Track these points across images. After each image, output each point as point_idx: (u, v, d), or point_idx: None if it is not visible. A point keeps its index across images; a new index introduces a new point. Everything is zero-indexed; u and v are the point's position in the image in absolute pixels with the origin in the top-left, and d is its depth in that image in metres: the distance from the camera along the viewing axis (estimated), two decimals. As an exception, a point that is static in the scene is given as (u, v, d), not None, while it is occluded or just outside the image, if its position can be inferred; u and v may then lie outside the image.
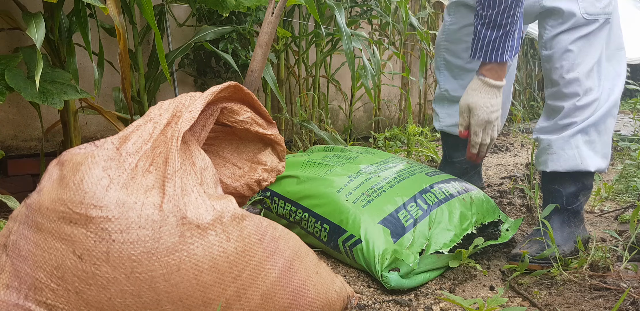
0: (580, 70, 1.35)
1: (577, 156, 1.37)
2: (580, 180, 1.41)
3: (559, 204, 1.40)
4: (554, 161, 1.40)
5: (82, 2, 1.44)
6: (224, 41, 2.20)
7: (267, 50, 1.14)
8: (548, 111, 1.46)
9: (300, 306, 0.87)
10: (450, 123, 1.78)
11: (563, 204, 1.40)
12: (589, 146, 1.39)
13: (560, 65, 1.37)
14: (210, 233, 0.78)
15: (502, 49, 1.28)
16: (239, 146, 1.07)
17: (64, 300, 0.74)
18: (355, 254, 1.24)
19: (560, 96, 1.39)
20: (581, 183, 1.41)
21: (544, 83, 1.45)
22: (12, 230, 0.80)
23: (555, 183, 1.42)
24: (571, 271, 1.24)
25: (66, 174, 0.79)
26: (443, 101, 1.80)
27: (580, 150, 1.37)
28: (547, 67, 1.42)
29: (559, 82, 1.39)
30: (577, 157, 1.37)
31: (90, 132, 2.02)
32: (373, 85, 2.75)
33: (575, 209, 1.41)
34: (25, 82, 1.32)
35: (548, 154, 1.41)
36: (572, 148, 1.38)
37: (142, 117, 0.87)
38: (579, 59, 1.36)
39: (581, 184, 1.41)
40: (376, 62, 2.86)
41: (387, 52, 3.75)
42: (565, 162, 1.38)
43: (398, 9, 3.45)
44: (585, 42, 1.36)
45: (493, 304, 0.94)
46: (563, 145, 1.38)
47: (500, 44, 1.27)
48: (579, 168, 1.38)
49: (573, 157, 1.37)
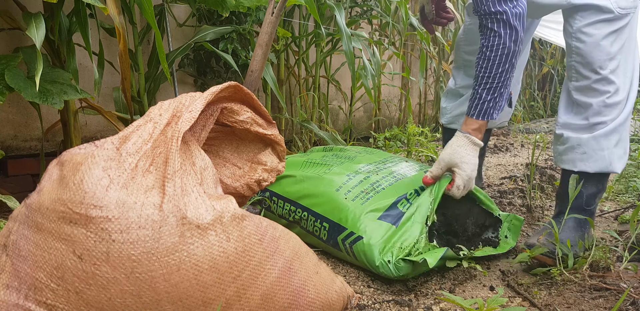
0: (612, 67, 1.35)
1: (607, 157, 1.37)
2: (602, 181, 1.42)
3: (579, 205, 1.40)
4: (583, 161, 1.39)
5: (82, 2, 1.44)
6: (224, 41, 2.20)
7: (267, 50, 1.14)
8: (572, 106, 1.43)
9: (300, 306, 0.87)
10: (457, 113, 1.79)
11: (582, 205, 1.40)
12: (618, 147, 1.38)
13: (592, 59, 1.36)
14: (210, 233, 0.78)
15: (493, 109, 1.35)
16: (239, 146, 1.07)
17: (64, 300, 0.74)
18: (356, 252, 1.24)
19: (590, 92, 1.38)
20: (602, 184, 1.42)
21: (567, 74, 1.43)
22: (12, 230, 0.80)
23: (578, 182, 1.41)
24: (571, 272, 1.24)
25: (66, 174, 0.79)
26: (455, 97, 1.81)
27: (611, 152, 1.37)
28: (576, 59, 1.39)
29: (589, 77, 1.37)
30: (607, 158, 1.37)
31: (90, 132, 2.02)
32: (373, 85, 2.75)
33: (592, 211, 1.42)
34: (25, 82, 1.32)
35: (577, 154, 1.40)
36: (603, 149, 1.37)
37: (142, 118, 0.87)
38: (611, 54, 1.35)
39: (602, 186, 1.42)
40: (376, 62, 2.86)
41: (387, 52, 3.75)
42: (595, 163, 1.38)
43: (398, 9, 3.45)
44: (616, 37, 1.36)
45: (493, 304, 0.94)
46: (595, 146, 1.37)
47: (493, 104, 1.35)
48: (608, 169, 1.38)
49: (603, 158, 1.37)
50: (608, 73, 1.35)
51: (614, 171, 1.38)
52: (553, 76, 6.95)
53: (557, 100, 6.81)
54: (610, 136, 1.37)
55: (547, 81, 6.95)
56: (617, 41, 1.36)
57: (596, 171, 1.38)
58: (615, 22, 1.35)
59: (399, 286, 1.22)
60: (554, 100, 6.82)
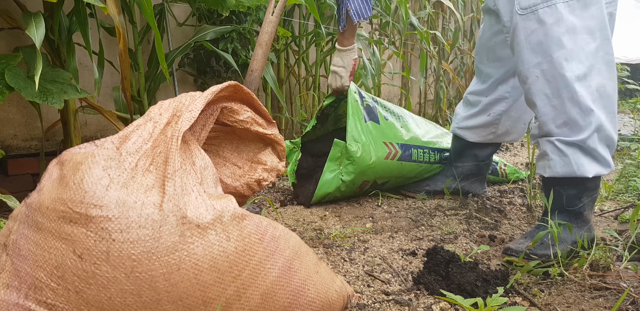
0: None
1: (574, 162, 1.35)
2: (579, 183, 1.38)
3: (559, 206, 1.39)
4: (551, 167, 1.38)
5: (82, 2, 1.44)
6: (224, 41, 2.20)
7: (267, 49, 1.14)
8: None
9: (300, 305, 0.87)
10: (465, 125, 1.92)
11: (563, 206, 1.38)
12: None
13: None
14: (210, 232, 0.78)
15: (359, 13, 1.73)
16: (239, 145, 1.07)
17: (64, 300, 0.74)
18: None
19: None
20: (582, 185, 1.38)
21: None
22: (12, 229, 0.80)
23: (552, 186, 1.41)
24: (571, 271, 1.24)
25: (66, 173, 0.79)
26: (466, 105, 1.93)
27: (578, 156, 1.35)
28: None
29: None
30: (574, 163, 1.35)
31: (91, 131, 2.02)
32: (373, 84, 2.75)
33: (577, 210, 1.38)
34: (25, 82, 1.32)
35: (546, 160, 1.40)
36: (567, 155, 1.36)
37: (142, 117, 0.87)
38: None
39: (583, 187, 1.38)
40: (376, 61, 2.86)
41: (387, 51, 3.75)
42: (562, 168, 1.36)
43: (398, 9, 3.45)
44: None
45: (493, 304, 0.94)
46: (559, 151, 1.38)
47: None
48: (576, 174, 1.35)
49: (569, 163, 1.35)
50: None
51: (583, 175, 1.34)
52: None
53: (557, 99, 6.79)
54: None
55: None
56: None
57: (564, 176, 1.37)
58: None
59: (399, 286, 1.22)
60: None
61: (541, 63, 1.35)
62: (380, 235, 1.56)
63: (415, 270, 1.29)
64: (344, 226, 1.65)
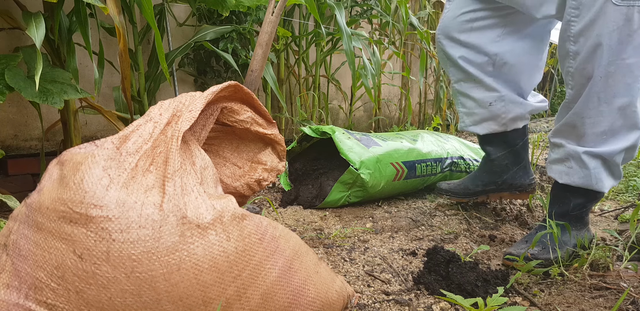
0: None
1: (594, 176, 1.31)
2: (590, 194, 1.35)
3: (564, 211, 1.37)
4: (569, 175, 1.34)
5: (82, 2, 1.44)
6: (224, 41, 2.20)
7: (267, 49, 1.14)
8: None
9: (301, 305, 0.87)
10: (470, 123, 1.65)
11: (568, 212, 1.37)
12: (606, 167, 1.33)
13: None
14: (210, 232, 0.78)
15: None
16: (239, 145, 1.07)
17: (64, 300, 0.74)
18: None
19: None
20: (592, 196, 1.35)
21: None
22: (12, 230, 0.80)
23: (564, 193, 1.38)
24: (571, 271, 1.24)
25: (66, 173, 0.79)
26: (457, 97, 1.67)
27: (599, 171, 1.31)
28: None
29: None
30: (594, 177, 1.30)
31: (91, 131, 2.02)
32: (373, 84, 2.75)
33: (579, 215, 1.37)
34: (26, 82, 1.32)
35: (565, 166, 1.35)
36: (589, 168, 1.31)
37: (142, 117, 0.87)
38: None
39: (592, 197, 1.36)
40: (376, 61, 2.86)
41: (387, 51, 3.75)
42: (580, 179, 1.32)
43: (398, 9, 3.45)
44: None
45: (493, 304, 0.94)
46: (582, 162, 1.32)
47: None
48: (593, 187, 1.32)
49: (589, 176, 1.31)
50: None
51: (600, 190, 1.31)
52: (553, 75, 6.94)
53: (557, 99, 6.80)
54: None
55: (547, 80, 6.94)
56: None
57: (580, 186, 1.33)
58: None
59: (399, 286, 1.22)
60: (554, 99, 6.81)
61: (611, 64, 1.19)
62: (381, 235, 1.56)
63: (416, 269, 1.29)
64: (344, 226, 1.65)
